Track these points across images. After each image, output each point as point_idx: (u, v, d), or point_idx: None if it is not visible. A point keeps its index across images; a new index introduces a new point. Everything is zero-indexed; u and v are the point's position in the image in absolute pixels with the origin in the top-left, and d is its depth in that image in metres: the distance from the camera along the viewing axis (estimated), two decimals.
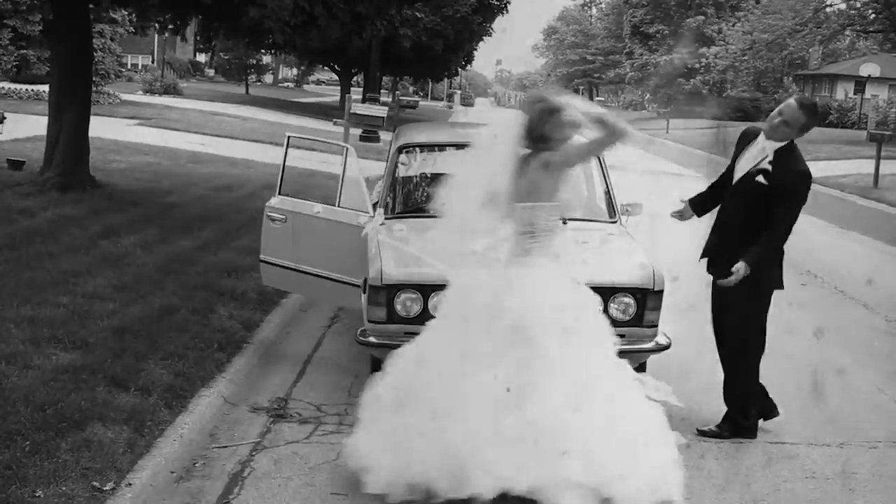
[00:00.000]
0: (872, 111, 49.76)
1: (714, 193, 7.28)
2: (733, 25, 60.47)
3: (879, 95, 60.63)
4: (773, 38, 51.03)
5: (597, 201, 8.50)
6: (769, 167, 6.71)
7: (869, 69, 55.55)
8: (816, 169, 7.11)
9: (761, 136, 6.86)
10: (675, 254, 7.86)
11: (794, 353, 9.01)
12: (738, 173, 6.94)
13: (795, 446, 6.98)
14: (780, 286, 6.96)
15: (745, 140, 7.01)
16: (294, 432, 6.81)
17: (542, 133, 5.82)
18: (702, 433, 7.05)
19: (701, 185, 7.53)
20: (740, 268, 6.65)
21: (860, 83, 61.94)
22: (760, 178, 6.73)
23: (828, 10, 47.07)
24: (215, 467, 6.17)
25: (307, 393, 7.62)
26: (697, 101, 63.40)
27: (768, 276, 6.84)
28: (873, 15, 45.99)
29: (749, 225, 6.75)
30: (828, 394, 8.05)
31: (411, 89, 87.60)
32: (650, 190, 11.20)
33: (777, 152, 6.72)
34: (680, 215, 7.38)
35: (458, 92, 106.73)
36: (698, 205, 7.33)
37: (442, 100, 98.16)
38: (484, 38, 53.72)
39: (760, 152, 6.80)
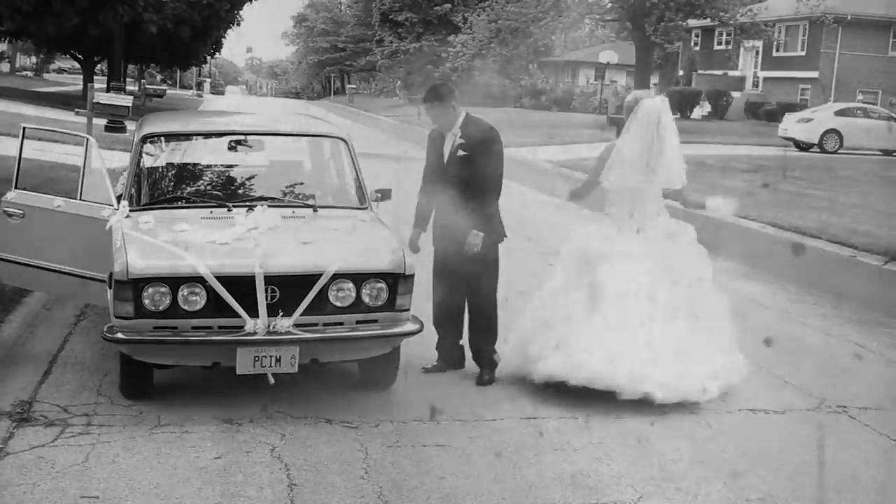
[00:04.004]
0: (612, 96, 52.02)
1: (428, 199, 8.09)
2: (478, 15, 61.98)
3: (618, 81, 63.52)
4: (517, 25, 52.62)
5: (347, 188, 8.51)
6: (463, 141, 7.77)
7: (607, 56, 57.77)
8: (562, 152, 7.73)
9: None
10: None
11: None
12: (445, 157, 7.91)
13: None
14: (505, 236, 8.04)
15: (439, 137, 8.01)
16: (39, 436, 6.50)
17: None
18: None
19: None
20: (478, 235, 7.67)
21: (600, 69, 64.58)
22: (461, 152, 7.79)
23: None
24: None
25: (53, 394, 7.29)
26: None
27: (494, 229, 7.88)
28: (609, 4, 48.04)
29: (468, 195, 7.68)
30: None
31: (159, 78, 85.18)
32: (400, 176, 11.30)
33: (461, 129, 7.82)
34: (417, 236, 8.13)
35: (208, 80, 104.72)
36: (423, 220, 8.15)
37: (191, 88, 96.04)
38: (232, 25, 52.96)
39: (452, 137, 7.85)
